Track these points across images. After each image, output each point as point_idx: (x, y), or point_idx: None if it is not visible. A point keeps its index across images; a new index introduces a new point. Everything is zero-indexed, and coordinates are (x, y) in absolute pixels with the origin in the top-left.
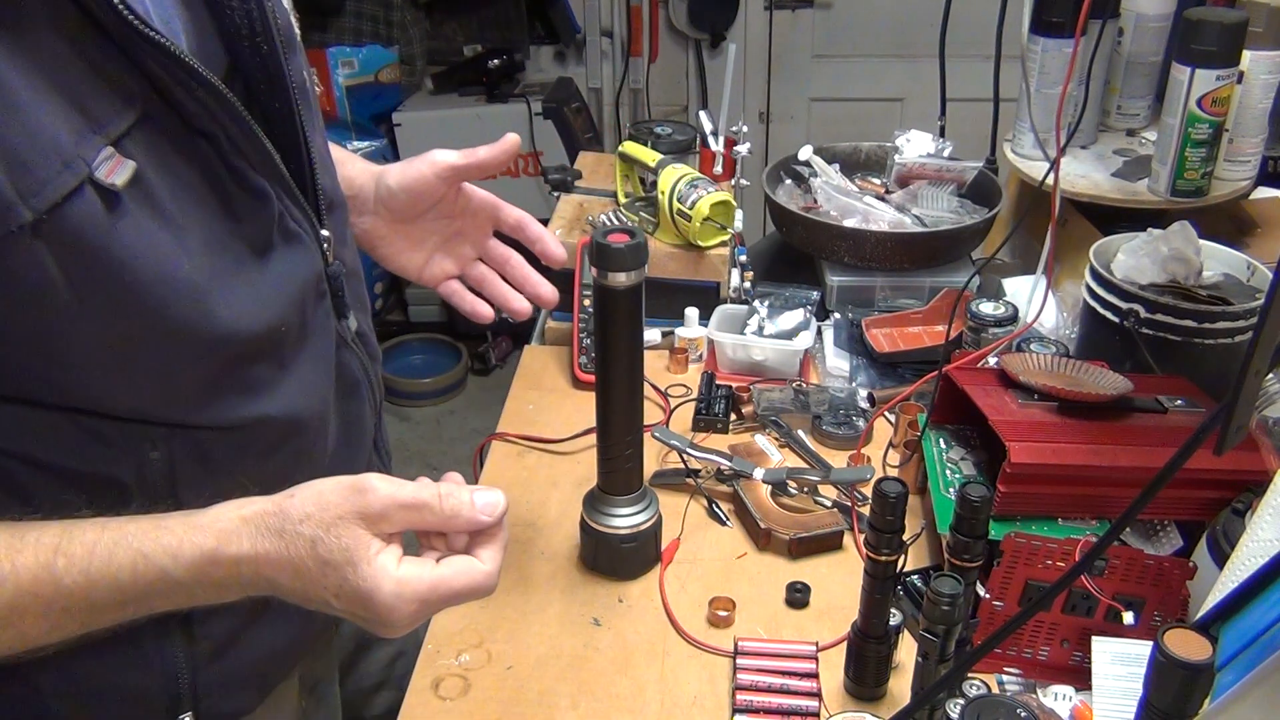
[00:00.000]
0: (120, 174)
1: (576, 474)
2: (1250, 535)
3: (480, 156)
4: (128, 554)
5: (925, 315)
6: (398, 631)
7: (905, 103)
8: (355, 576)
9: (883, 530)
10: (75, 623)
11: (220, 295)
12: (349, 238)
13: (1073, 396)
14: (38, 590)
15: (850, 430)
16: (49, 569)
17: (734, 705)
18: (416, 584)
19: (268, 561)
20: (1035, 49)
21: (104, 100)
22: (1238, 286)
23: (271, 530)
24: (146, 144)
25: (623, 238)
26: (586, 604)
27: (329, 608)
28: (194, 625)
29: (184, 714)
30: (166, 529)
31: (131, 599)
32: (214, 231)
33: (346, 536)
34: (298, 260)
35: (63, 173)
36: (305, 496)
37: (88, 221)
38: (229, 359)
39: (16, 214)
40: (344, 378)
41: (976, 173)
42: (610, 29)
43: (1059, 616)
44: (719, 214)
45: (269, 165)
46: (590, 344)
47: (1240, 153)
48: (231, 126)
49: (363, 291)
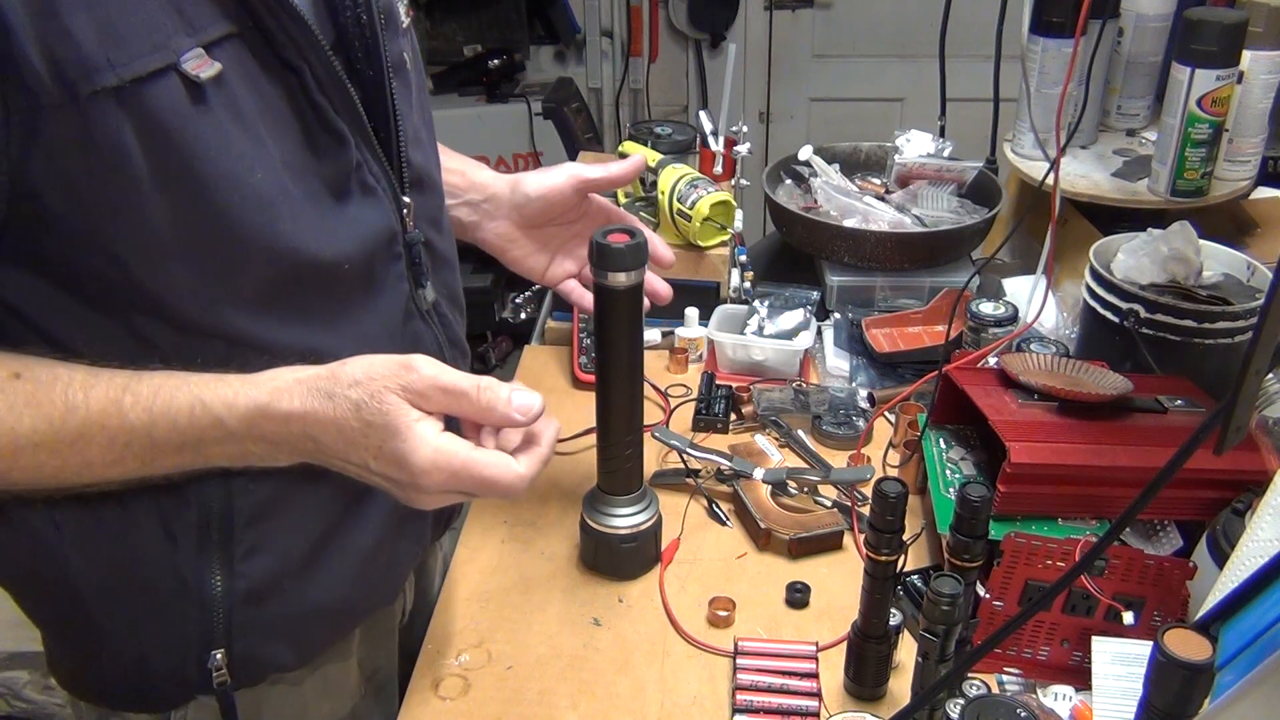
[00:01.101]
0: (206, 71)
1: (576, 474)
2: (1250, 535)
3: (613, 173)
4: (187, 398)
5: (925, 315)
6: (427, 499)
7: (905, 103)
8: (395, 438)
9: (883, 530)
10: (135, 459)
11: (287, 212)
12: (444, 225)
13: (1073, 396)
14: (105, 421)
15: (850, 430)
16: (117, 404)
17: (734, 705)
18: (451, 456)
19: (315, 420)
20: (1035, 49)
21: (201, 8)
22: (1238, 286)
23: (322, 392)
24: (236, 58)
25: (623, 238)
26: (586, 604)
27: (368, 471)
28: (234, 561)
29: (216, 650)
30: (225, 382)
31: (189, 442)
32: (291, 156)
33: (389, 404)
34: (372, 213)
35: (152, 53)
36: (356, 365)
37: (169, 104)
38: (288, 278)
39: (103, 77)
40: (418, 349)
41: (976, 173)
42: (610, 29)
43: (1059, 616)
44: (719, 214)
45: (351, 112)
46: (590, 344)
47: (1240, 153)
48: (316, 64)
49: (455, 285)
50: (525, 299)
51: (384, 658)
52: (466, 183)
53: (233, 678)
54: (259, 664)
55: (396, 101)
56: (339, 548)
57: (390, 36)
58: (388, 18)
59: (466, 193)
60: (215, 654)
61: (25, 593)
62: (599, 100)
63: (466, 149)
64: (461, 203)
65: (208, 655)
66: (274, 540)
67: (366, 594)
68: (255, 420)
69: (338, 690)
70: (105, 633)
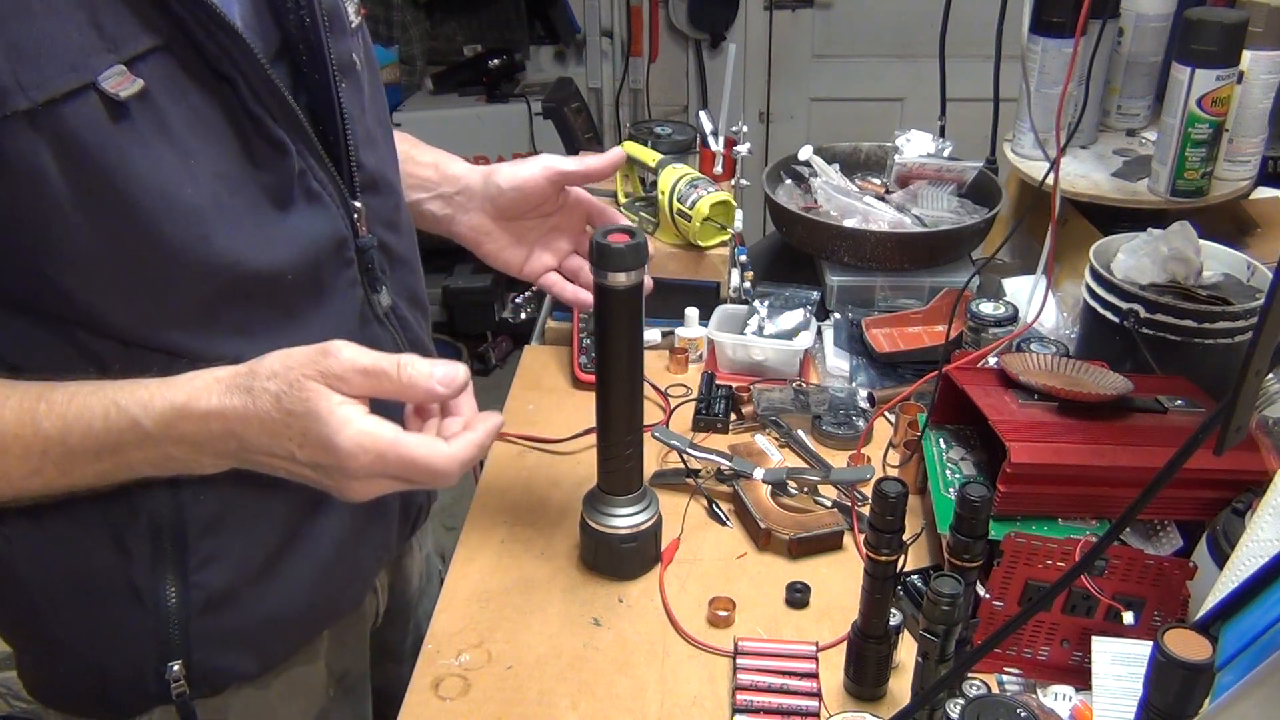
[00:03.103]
0: (127, 88)
1: (576, 474)
2: (1250, 535)
3: (590, 166)
4: (102, 403)
5: (925, 315)
6: (357, 486)
7: (905, 103)
8: (317, 424)
9: (883, 530)
10: (54, 467)
11: (223, 227)
12: (402, 226)
13: (1073, 396)
14: (19, 431)
15: (850, 430)
16: (31, 413)
17: (734, 705)
18: (377, 437)
19: (236, 416)
20: (1035, 49)
21: (124, 24)
22: (1238, 286)
23: (240, 388)
24: (163, 72)
25: (623, 238)
26: (586, 604)
27: (294, 461)
28: (189, 573)
29: (174, 662)
30: (142, 385)
31: (106, 447)
32: (227, 169)
33: (309, 390)
34: (317, 221)
35: (67, 74)
36: (274, 357)
37: (87, 124)
38: (226, 291)
39: (13, 100)
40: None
41: (976, 173)
42: (610, 29)
43: (1059, 616)
44: (719, 214)
45: (291, 120)
46: (590, 344)
47: (1240, 153)
48: (251, 74)
49: (415, 285)
50: (525, 299)
51: (353, 660)
52: (439, 175)
53: (191, 688)
54: (219, 674)
55: (345, 104)
56: (297, 556)
57: (336, 38)
58: (332, 19)
59: (439, 185)
60: (173, 665)
61: None
62: (599, 100)
63: (466, 149)
64: (434, 195)
65: (165, 667)
66: (229, 550)
67: (329, 601)
68: (173, 421)
69: (305, 692)
70: (62, 643)
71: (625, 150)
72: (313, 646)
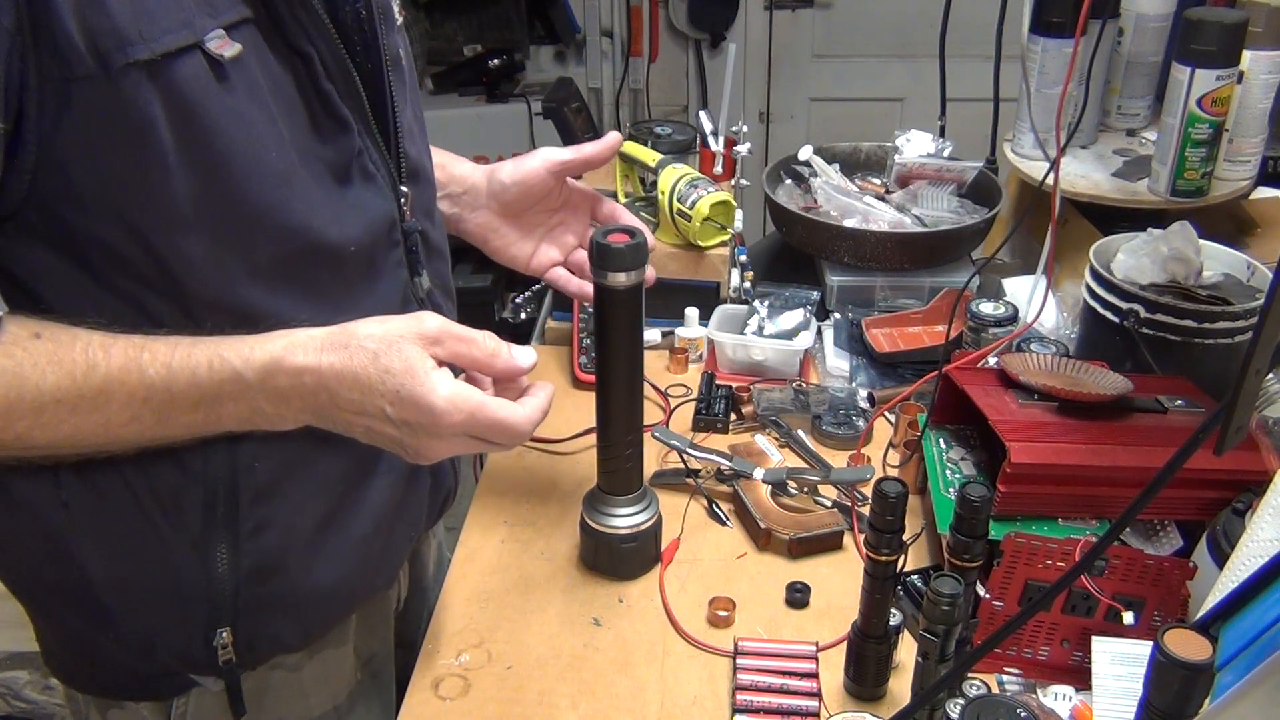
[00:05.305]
0: (229, 50)
1: (576, 474)
2: (1250, 535)
3: (587, 153)
4: (205, 353)
5: (925, 315)
6: (439, 446)
7: (905, 103)
8: (413, 382)
9: (883, 530)
10: (152, 415)
11: (299, 191)
12: (436, 217)
13: (1073, 396)
14: (125, 378)
15: (850, 430)
16: (136, 360)
17: (734, 705)
18: (468, 398)
19: (331, 372)
20: (1035, 49)
21: None
22: (1238, 286)
23: (338, 345)
24: (251, 41)
25: (623, 238)
26: (586, 604)
27: (382, 419)
28: (240, 539)
29: (223, 628)
30: (242, 338)
31: (206, 398)
32: (299, 139)
33: (407, 350)
34: (373, 200)
35: (180, 30)
36: (369, 321)
37: (194, 80)
38: (299, 253)
39: (136, 49)
40: None
41: (976, 173)
42: (610, 29)
43: (1059, 616)
44: (719, 214)
45: (355, 98)
46: (590, 344)
47: (1240, 153)
48: (325, 51)
49: (446, 275)
50: (525, 299)
51: (379, 644)
52: (446, 176)
53: (237, 657)
54: (264, 642)
55: (394, 94)
56: (341, 527)
57: (387, 31)
58: (384, 13)
59: (447, 186)
60: (221, 632)
61: (29, 584)
62: (599, 100)
63: (466, 149)
64: (443, 195)
65: (214, 634)
66: (279, 518)
67: (366, 575)
68: (271, 372)
69: (336, 677)
70: (112, 616)
71: (625, 150)
72: (343, 630)
